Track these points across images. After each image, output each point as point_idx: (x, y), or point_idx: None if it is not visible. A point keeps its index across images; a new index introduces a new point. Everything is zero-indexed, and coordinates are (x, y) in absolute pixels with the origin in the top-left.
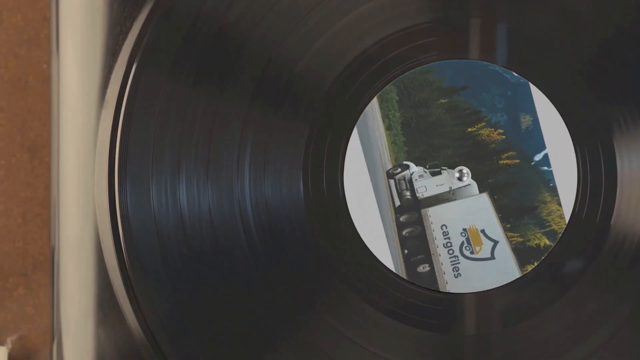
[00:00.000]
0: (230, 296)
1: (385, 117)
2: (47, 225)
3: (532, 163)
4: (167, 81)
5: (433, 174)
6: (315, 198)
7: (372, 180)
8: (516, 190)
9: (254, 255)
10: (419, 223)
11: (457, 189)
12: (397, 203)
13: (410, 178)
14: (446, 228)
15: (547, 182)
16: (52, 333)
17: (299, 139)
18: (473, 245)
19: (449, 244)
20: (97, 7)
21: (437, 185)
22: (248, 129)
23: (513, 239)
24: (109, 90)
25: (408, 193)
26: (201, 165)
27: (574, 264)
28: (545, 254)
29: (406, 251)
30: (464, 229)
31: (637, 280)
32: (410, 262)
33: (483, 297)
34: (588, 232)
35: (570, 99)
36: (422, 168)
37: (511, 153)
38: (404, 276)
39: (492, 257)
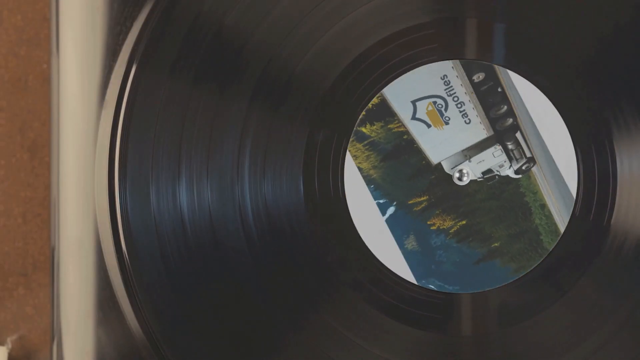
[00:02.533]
0: (230, 296)
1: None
2: (47, 225)
3: None
4: (167, 81)
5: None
6: (315, 198)
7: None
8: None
9: (254, 255)
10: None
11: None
12: None
13: None
14: None
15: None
16: (52, 333)
17: (299, 139)
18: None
19: None
20: (97, 7)
21: None
22: (248, 129)
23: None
24: (109, 90)
25: None
26: (201, 165)
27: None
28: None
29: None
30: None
31: (637, 280)
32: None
33: (483, 297)
34: (588, 232)
35: (570, 99)
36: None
37: None
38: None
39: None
